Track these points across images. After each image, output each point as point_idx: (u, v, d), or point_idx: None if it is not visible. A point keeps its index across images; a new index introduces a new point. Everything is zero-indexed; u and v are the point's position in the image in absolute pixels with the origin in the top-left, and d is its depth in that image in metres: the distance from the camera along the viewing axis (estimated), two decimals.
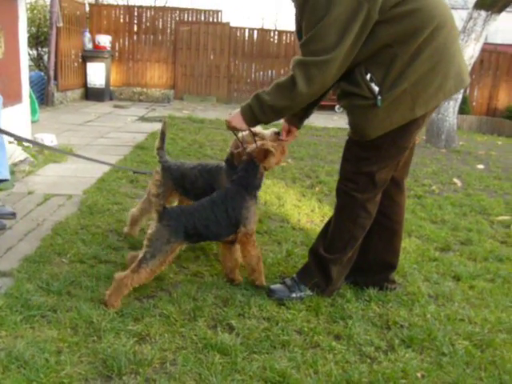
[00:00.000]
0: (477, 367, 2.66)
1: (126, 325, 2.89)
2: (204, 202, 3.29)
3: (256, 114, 2.95)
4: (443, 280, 3.74)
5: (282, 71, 15.58)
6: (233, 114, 3.08)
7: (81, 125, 10.24)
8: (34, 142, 4.68)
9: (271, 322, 3.04)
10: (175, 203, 4.26)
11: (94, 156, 7.36)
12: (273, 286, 3.32)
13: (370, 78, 2.73)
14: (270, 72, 15.77)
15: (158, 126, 10.20)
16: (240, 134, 3.59)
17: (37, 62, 12.73)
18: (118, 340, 2.74)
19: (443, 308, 3.30)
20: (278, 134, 3.57)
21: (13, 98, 6.09)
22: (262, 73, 15.84)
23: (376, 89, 2.73)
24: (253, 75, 15.89)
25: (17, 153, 6.12)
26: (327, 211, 5.28)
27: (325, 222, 3.44)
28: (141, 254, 3.07)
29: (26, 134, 6.69)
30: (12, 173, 5.55)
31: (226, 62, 15.66)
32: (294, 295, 3.24)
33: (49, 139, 7.92)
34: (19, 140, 4.08)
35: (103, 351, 2.62)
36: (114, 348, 2.65)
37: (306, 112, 3.34)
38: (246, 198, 3.31)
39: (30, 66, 13.55)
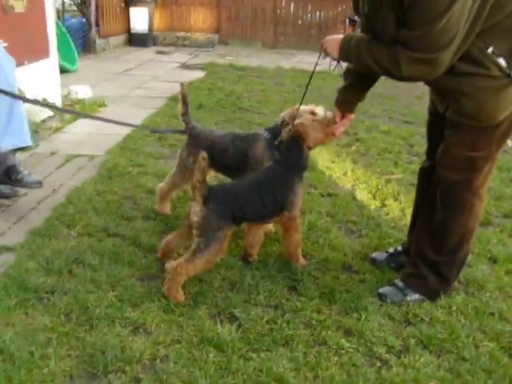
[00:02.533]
0: (500, 379, 2.35)
1: (122, 312, 2.72)
2: (249, 183, 3.05)
3: (350, 56, 2.65)
4: (477, 262, 3.39)
5: (331, 13, 14.77)
6: (334, 37, 2.73)
7: (120, 74, 10.05)
8: (40, 103, 4.45)
9: (278, 311, 2.81)
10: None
11: (127, 109, 7.23)
12: (382, 290, 2.96)
13: (493, 51, 2.34)
14: (317, 14, 14.96)
15: (198, 75, 9.93)
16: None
17: (80, 7, 12.46)
18: (112, 329, 2.59)
19: (472, 299, 2.97)
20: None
21: (38, 53, 5.90)
22: (309, 15, 15.05)
23: (503, 63, 2.34)
24: (300, 19, 15.10)
25: (44, 109, 5.98)
26: (360, 175, 4.93)
27: (357, 186, 3.10)
28: (193, 244, 2.85)
29: (55, 90, 6.52)
30: (36, 132, 5.44)
31: (271, 5, 14.95)
32: (409, 298, 2.91)
33: (83, 91, 7.78)
34: (26, 101, 3.87)
35: (92, 344, 2.47)
36: (104, 340, 2.49)
37: (359, 97, 3.00)
38: (294, 181, 3.06)
39: (73, 11, 13.40)
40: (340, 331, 2.67)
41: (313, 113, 3.22)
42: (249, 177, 3.09)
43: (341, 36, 2.70)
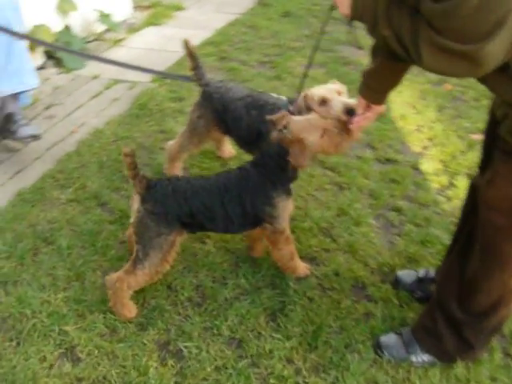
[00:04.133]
0: None
1: (63, 323, 2.35)
2: (208, 185, 2.36)
3: (364, 16, 1.69)
4: None
5: None
6: None
7: None
8: (31, 38, 3.87)
9: (238, 350, 2.26)
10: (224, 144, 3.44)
11: (205, 14, 6.49)
12: (384, 338, 2.27)
13: None
14: None
15: None
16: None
17: None
18: (39, 350, 2.24)
19: None
20: (350, 112, 2.40)
21: None
22: None
23: None
24: None
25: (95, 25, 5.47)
26: (439, 131, 3.93)
27: (428, 150, 2.34)
28: (134, 252, 2.36)
29: None
30: (85, 49, 5.00)
31: None
32: (414, 359, 2.22)
33: None
34: (23, 39, 3.37)
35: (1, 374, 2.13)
36: (13, 372, 2.14)
37: (391, 84, 2.08)
38: (273, 194, 2.34)
39: None
40: None
41: (324, 100, 2.48)
42: (215, 176, 2.42)
43: None
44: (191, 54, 2.91)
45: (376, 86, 2.08)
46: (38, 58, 4.80)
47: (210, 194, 2.32)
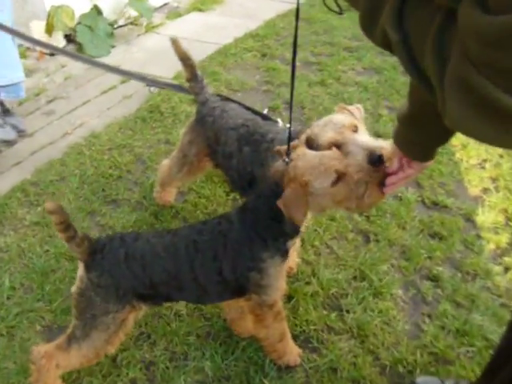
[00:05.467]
0: None
1: None
2: (177, 244, 1.74)
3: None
4: None
5: None
6: None
7: None
8: (30, 39, 3.32)
9: None
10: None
11: (254, 1, 5.83)
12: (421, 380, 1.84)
13: None
14: None
15: None
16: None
17: None
18: None
19: None
20: (377, 160, 1.67)
21: None
22: None
23: None
24: None
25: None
26: (508, 170, 3.13)
27: (490, 195, 1.76)
28: (70, 325, 1.81)
29: None
30: (111, 35, 4.48)
31: None
32: None
33: None
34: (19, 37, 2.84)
35: None
36: None
37: (440, 138, 1.36)
38: (260, 256, 1.70)
39: None
40: None
41: (336, 146, 1.73)
42: (185, 230, 1.79)
43: None
44: (184, 59, 2.30)
45: (418, 138, 1.37)
46: (58, 41, 4.33)
47: (175, 256, 1.71)
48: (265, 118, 2.20)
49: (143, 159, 3.10)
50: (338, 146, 1.73)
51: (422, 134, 1.35)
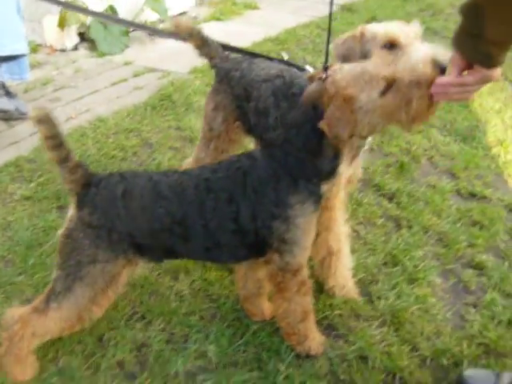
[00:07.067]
0: None
1: None
2: (185, 183, 1.46)
3: None
4: None
5: None
6: None
7: None
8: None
9: None
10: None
11: (280, 14, 5.68)
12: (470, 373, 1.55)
13: None
14: None
15: None
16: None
17: None
18: None
19: None
20: (442, 70, 1.36)
21: None
22: None
23: None
24: None
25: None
26: None
27: None
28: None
29: None
30: (125, 34, 4.31)
31: None
32: None
33: None
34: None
35: None
36: None
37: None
38: (287, 200, 1.41)
39: None
40: None
41: (392, 44, 1.53)
42: (198, 169, 1.50)
43: None
44: (190, 33, 2.02)
45: (493, 31, 1.09)
46: (71, 37, 4.17)
47: (182, 197, 1.43)
48: (300, 69, 1.92)
49: (150, 143, 2.85)
50: (395, 44, 1.52)
51: (496, 24, 1.07)
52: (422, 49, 1.49)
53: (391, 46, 1.54)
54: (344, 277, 1.88)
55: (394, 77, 1.25)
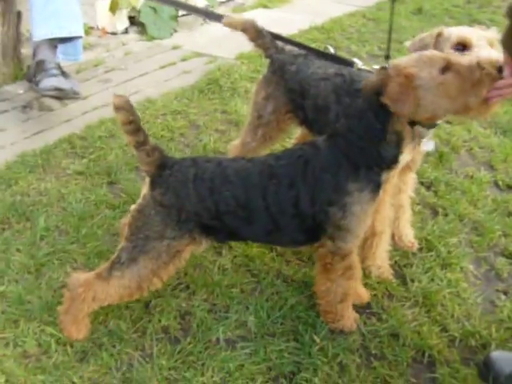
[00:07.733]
0: None
1: None
2: (251, 169, 1.58)
3: None
4: None
5: None
6: None
7: None
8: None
9: None
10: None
11: (327, 2, 5.70)
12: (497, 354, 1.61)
13: None
14: None
15: None
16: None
17: None
18: None
19: None
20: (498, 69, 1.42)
21: None
22: None
23: None
24: None
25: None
26: None
27: None
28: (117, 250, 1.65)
29: None
30: (174, 18, 4.42)
31: None
32: None
33: None
34: None
35: None
36: None
37: None
38: (345, 186, 1.51)
39: None
40: None
41: (463, 45, 1.68)
42: (263, 157, 1.62)
43: None
44: (244, 29, 2.11)
45: None
46: (121, 21, 4.32)
47: (247, 182, 1.54)
48: (347, 62, 2.00)
49: (197, 124, 2.96)
50: (466, 45, 1.67)
51: None
52: (489, 52, 1.57)
53: (463, 47, 1.67)
54: (382, 258, 1.96)
55: (452, 61, 1.34)
